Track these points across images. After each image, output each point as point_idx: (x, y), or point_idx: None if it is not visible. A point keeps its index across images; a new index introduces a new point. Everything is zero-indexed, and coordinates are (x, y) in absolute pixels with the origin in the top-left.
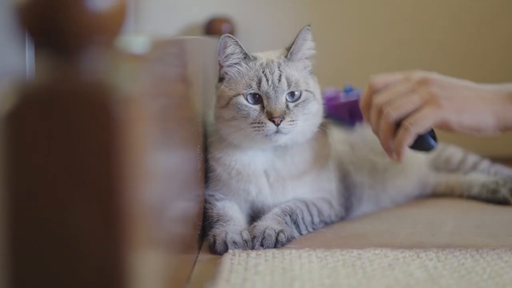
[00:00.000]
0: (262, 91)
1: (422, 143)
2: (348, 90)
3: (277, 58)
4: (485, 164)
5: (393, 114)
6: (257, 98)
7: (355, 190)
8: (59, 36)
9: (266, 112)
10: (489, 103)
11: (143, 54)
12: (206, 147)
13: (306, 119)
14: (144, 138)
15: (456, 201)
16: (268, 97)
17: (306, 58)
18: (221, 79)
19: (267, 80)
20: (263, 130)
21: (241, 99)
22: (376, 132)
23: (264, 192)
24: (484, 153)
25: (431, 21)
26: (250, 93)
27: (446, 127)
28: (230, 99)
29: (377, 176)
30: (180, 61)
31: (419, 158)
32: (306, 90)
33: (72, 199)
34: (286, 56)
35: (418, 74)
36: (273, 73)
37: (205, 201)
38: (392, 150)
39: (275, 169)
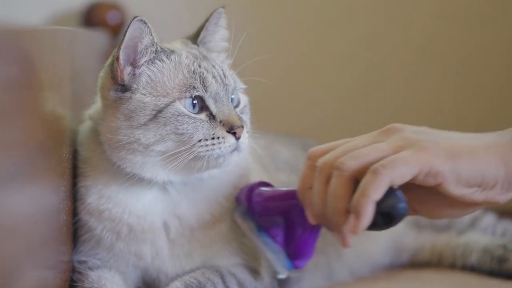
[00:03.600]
0: (211, 93)
1: (389, 208)
2: None
3: (195, 49)
4: (489, 219)
5: (352, 163)
6: (199, 104)
7: None
8: None
9: (221, 122)
10: (490, 147)
11: None
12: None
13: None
14: None
15: (446, 273)
16: (218, 101)
17: (219, 52)
18: (125, 86)
19: (214, 77)
20: (220, 148)
21: (180, 108)
22: (321, 212)
23: (162, 254)
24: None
25: (411, 13)
26: (191, 97)
27: (434, 181)
28: (160, 111)
29: (329, 236)
30: (33, 60)
31: None
32: (242, 92)
33: None
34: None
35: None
36: (214, 67)
37: (73, 270)
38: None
39: (179, 218)
